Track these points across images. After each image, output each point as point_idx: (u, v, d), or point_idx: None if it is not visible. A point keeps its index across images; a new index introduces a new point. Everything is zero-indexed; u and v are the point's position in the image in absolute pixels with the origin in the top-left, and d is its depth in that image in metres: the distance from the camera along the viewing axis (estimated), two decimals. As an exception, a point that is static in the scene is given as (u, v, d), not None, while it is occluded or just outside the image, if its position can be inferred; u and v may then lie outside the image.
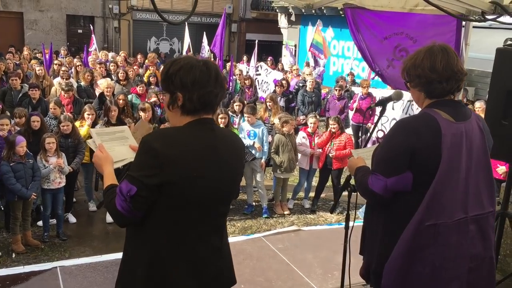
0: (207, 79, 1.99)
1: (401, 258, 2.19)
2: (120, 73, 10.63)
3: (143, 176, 1.89)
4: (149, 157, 1.90)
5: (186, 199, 1.95)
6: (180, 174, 1.90)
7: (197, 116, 2.02)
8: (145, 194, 1.90)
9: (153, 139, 1.94)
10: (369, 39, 3.98)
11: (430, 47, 2.26)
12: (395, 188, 2.19)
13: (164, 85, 2.05)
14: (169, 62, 2.06)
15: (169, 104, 2.03)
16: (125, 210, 1.92)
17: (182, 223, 1.98)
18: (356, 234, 4.83)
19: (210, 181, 1.99)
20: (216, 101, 2.05)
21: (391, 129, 2.29)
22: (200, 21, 23.56)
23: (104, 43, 21.94)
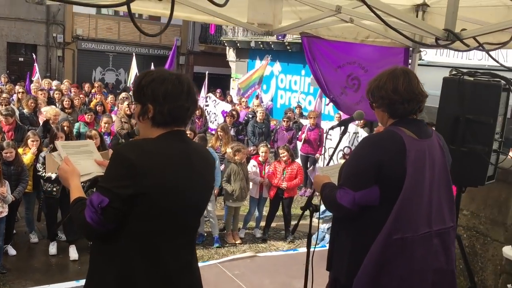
0: (179, 93, 1.97)
1: (370, 271, 2.23)
2: (65, 101, 10.37)
3: (116, 187, 1.84)
4: (123, 168, 1.85)
5: (159, 210, 1.90)
6: (154, 184, 1.86)
7: (168, 128, 2.00)
8: (118, 206, 1.84)
9: (126, 150, 1.90)
10: (324, 67, 4.13)
11: (393, 70, 2.38)
12: (362, 202, 2.24)
13: (135, 96, 2.03)
14: (142, 73, 2.05)
15: (140, 115, 2.00)
16: (95, 222, 1.86)
17: (154, 235, 1.92)
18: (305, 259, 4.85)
19: (183, 192, 1.96)
20: (187, 115, 2.04)
21: (358, 145, 2.36)
22: (148, 53, 23.48)
23: (47, 72, 21.31)
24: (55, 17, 21.71)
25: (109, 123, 8.51)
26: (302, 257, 5.03)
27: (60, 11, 21.64)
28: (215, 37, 24.17)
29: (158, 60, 19.49)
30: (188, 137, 2.12)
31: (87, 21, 22.52)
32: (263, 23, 3.64)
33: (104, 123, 8.40)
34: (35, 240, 6.90)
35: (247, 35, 19.53)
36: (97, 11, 22.97)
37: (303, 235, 8.36)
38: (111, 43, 23.27)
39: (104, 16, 23.27)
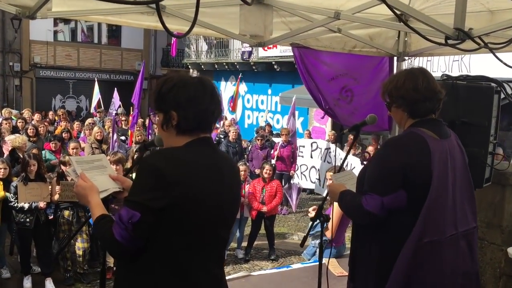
0: (202, 96, 1.88)
1: (401, 279, 2.15)
2: (30, 129, 9.97)
3: (147, 200, 1.70)
4: (153, 179, 1.73)
5: (191, 223, 1.78)
6: (186, 196, 1.74)
7: (195, 136, 1.88)
8: (150, 220, 1.71)
9: (154, 159, 1.78)
10: (317, 78, 4.11)
11: (410, 70, 2.37)
12: (391, 206, 2.17)
13: (156, 105, 1.91)
14: (161, 80, 1.93)
15: (163, 124, 1.88)
16: (126, 239, 1.71)
17: (184, 250, 1.80)
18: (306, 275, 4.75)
19: (214, 203, 1.85)
20: (212, 119, 1.93)
21: (381, 148, 2.31)
22: (110, 78, 23.07)
23: (4, 101, 20.56)
24: (11, 46, 21.07)
25: (77, 148, 8.21)
26: (297, 273, 4.95)
27: (16, 39, 21.04)
28: (177, 60, 24.05)
29: (121, 85, 19.16)
30: (216, 145, 2.01)
31: (45, 49, 21.98)
32: (255, 34, 3.59)
33: (72, 148, 8.09)
34: (7, 275, 6.51)
35: (210, 56, 19.54)
36: (54, 38, 22.49)
37: (285, 253, 8.28)
38: (70, 70, 22.78)
39: (62, 43, 22.82)
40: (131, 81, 24.26)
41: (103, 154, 2.33)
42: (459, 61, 10.36)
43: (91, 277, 6.60)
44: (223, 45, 18.69)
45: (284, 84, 16.34)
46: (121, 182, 2.13)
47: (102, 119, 13.97)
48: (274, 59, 16.34)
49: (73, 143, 8.24)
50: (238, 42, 17.80)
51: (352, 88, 4.28)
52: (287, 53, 15.50)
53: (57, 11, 2.85)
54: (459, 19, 2.35)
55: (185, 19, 3.20)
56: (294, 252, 8.32)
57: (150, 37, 24.43)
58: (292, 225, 10.02)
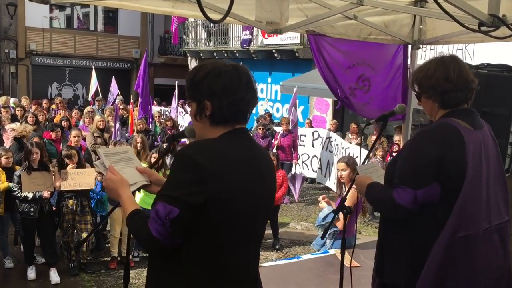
0: (237, 85, 1.78)
1: (434, 273, 2.09)
2: (30, 117, 9.84)
3: (186, 195, 1.63)
4: (192, 173, 1.65)
5: (230, 218, 1.71)
6: (225, 189, 1.67)
7: (230, 127, 1.80)
8: (188, 216, 1.63)
9: (192, 152, 1.69)
10: (334, 67, 4.01)
11: (440, 58, 2.28)
12: (425, 199, 2.11)
13: (190, 94, 1.82)
14: (194, 68, 1.84)
15: (197, 114, 1.80)
16: (163, 235, 1.63)
17: (222, 247, 1.72)
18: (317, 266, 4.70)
19: (253, 198, 1.77)
20: (248, 109, 1.85)
21: (413, 139, 2.23)
22: (106, 66, 22.83)
23: (0, 89, 20.34)
24: (7, 32, 20.76)
25: (79, 136, 8.11)
26: (308, 264, 4.91)
27: (11, 26, 20.74)
28: (174, 48, 23.82)
29: (118, 73, 18.96)
30: (251, 136, 1.93)
31: (41, 36, 21.68)
32: (271, 21, 3.50)
33: (73, 136, 7.97)
34: (10, 265, 6.46)
35: (209, 44, 19.35)
36: (50, 25, 22.20)
37: (289, 242, 8.25)
38: (67, 57, 22.50)
39: (58, 30, 22.51)
40: (128, 69, 24.08)
41: (129, 146, 2.23)
42: (463, 49, 10.25)
43: (95, 267, 6.56)
44: (222, 33, 18.51)
45: (284, 73, 16.22)
46: (148, 175, 2.05)
47: (101, 107, 13.83)
48: (275, 47, 16.19)
49: (74, 131, 8.12)
50: (237, 30, 17.63)
51: (369, 77, 4.20)
52: (287, 41, 15.37)
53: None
54: (494, 5, 2.27)
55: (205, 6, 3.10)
56: (298, 241, 8.30)
57: (147, 24, 24.16)
58: (294, 214, 9.99)
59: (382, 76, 4.24)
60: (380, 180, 2.45)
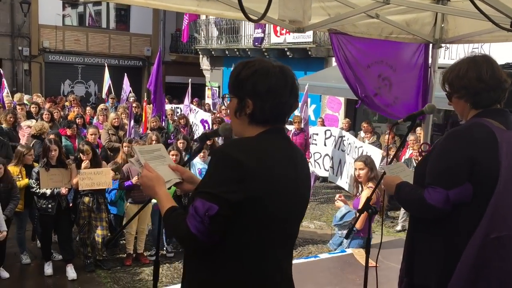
0: (283, 88, 1.77)
1: (467, 275, 2.07)
2: (45, 114, 9.93)
3: (225, 192, 1.63)
4: (231, 170, 1.65)
5: (268, 217, 1.71)
6: (264, 188, 1.67)
7: (268, 126, 1.80)
8: (227, 213, 1.63)
9: (232, 150, 1.69)
10: (355, 65, 4.00)
11: (472, 58, 2.26)
12: (457, 200, 2.09)
13: (233, 89, 1.82)
14: (241, 64, 1.83)
15: (236, 110, 1.79)
16: (202, 232, 1.64)
17: (260, 245, 1.72)
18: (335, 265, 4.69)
19: (291, 197, 1.77)
20: (289, 112, 1.85)
21: (445, 139, 2.22)
22: (119, 64, 22.95)
23: (13, 86, 20.45)
24: (20, 30, 20.94)
25: (96, 134, 8.17)
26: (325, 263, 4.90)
27: (25, 24, 20.91)
28: (186, 46, 23.87)
29: (130, 71, 19.05)
30: (288, 136, 1.93)
31: (54, 33, 21.83)
32: (293, 19, 3.50)
33: (91, 134, 8.05)
34: (27, 261, 6.52)
35: (221, 42, 19.36)
36: (63, 22, 22.35)
37: (303, 241, 8.24)
38: (79, 55, 22.64)
39: (71, 28, 22.65)
40: (139, 67, 24.19)
41: (161, 144, 2.23)
42: (478, 48, 10.20)
43: (111, 264, 6.60)
44: (234, 31, 18.51)
45: (297, 71, 16.12)
46: (181, 172, 2.06)
47: (114, 105, 13.90)
48: (287, 46, 16.16)
49: (91, 129, 8.19)
50: (249, 28, 17.62)
51: (389, 76, 4.18)
52: (300, 39, 15.33)
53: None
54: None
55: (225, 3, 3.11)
56: (311, 240, 8.29)
57: (159, 22, 24.24)
58: (307, 213, 9.91)
59: (401, 75, 4.23)
60: (408, 180, 2.44)
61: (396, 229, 8.85)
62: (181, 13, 17.25)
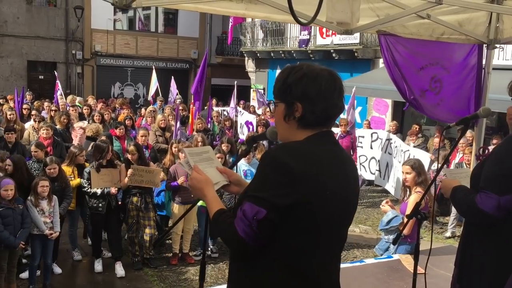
0: (332, 91, 1.78)
1: None
2: (96, 116, 10.26)
3: (273, 196, 1.63)
4: (280, 174, 1.65)
5: (317, 221, 1.70)
6: (314, 193, 1.66)
7: (317, 130, 1.79)
8: (275, 217, 1.64)
9: (281, 154, 1.69)
10: (405, 68, 3.92)
11: None
12: (509, 207, 2.01)
13: (280, 94, 1.82)
14: (288, 69, 1.84)
15: (286, 115, 1.79)
16: (249, 236, 1.65)
17: (308, 250, 1.72)
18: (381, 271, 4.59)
19: (340, 200, 1.76)
20: (338, 115, 1.85)
21: (503, 145, 2.14)
22: (166, 66, 23.45)
23: (67, 88, 21.29)
24: (74, 34, 21.78)
25: (146, 136, 8.38)
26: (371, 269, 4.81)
27: (78, 28, 21.73)
28: (232, 49, 24.09)
29: (177, 73, 19.43)
30: (337, 140, 1.92)
31: (105, 37, 22.58)
32: (342, 21, 3.46)
33: (141, 136, 8.26)
34: (79, 258, 6.76)
35: (266, 45, 19.41)
36: (114, 27, 23.06)
37: (347, 245, 8.08)
38: (129, 58, 23.30)
39: (121, 32, 23.35)
40: (186, 69, 24.62)
41: (209, 146, 2.26)
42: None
43: (158, 263, 6.74)
44: (280, 33, 18.52)
45: (343, 73, 15.98)
46: (228, 175, 2.08)
47: (162, 107, 14.20)
48: (333, 47, 16.02)
49: (142, 130, 8.41)
50: (295, 30, 17.59)
51: (441, 78, 4.07)
52: (345, 41, 15.15)
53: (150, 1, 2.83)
54: None
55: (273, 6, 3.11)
56: (356, 244, 8.17)
57: (205, 25, 24.58)
58: (353, 217, 9.84)
59: (454, 77, 4.10)
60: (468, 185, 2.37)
61: (446, 236, 8.58)
62: (227, 15, 17.45)
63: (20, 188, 5.54)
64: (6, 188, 5.21)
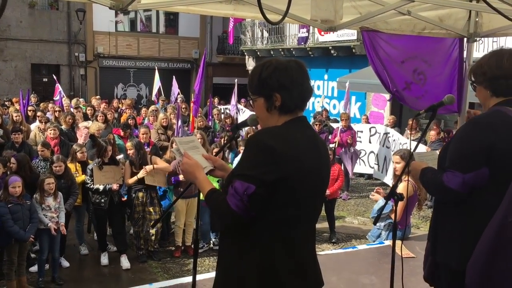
0: (302, 77, 2.03)
1: (485, 256, 2.19)
2: (99, 116, 10.51)
3: (260, 173, 1.88)
4: (265, 155, 1.89)
5: (298, 195, 1.95)
6: (294, 170, 1.91)
7: (294, 115, 2.04)
8: (263, 192, 1.88)
9: (265, 137, 1.94)
10: (386, 61, 4.14)
11: (499, 49, 2.39)
12: (472, 183, 2.23)
13: (257, 90, 2.06)
14: (258, 66, 2.07)
15: (268, 107, 2.03)
16: (241, 209, 1.89)
17: (291, 221, 1.97)
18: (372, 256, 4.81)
19: (316, 177, 2.02)
20: (310, 97, 2.10)
21: (465, 126, 2.36)
22: (168, 67, 23.67)
23: (71, 90, 21.63)
24: (77, 37, 22.07)
25: (147, 134, 8.63)
26: (363, 254, 5.05)
27: (81, 31, 22.01)
28: (232, 48, 24.32)
29: (178, 73, 19.67)
30: (310, 124, 2.18)
31: (107, 39, 22.85)
32: (325, 19, 3.68)
33: (142, 133, 8.53)
34: (85, 252, 7.01)
35: (266, 43, 19.63)
36: (116, 29, 23.32)
37: (346, 236, 8.35)
38: (131, 59, 23.56)
39: (123, 33, 23.61)
40: (188, 69, 24.86)
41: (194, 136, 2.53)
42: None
43: (161, 255, 6.98)
44: (279, 31, 18.74)
45: (341, 69, 16.21)
46: (213, 161, 2.33)
47: (164, 106, 14.45)
48: (331, 44, 16.22)
49: (143, 129, 8.66)
50: (294, 28, 17.79)
51: (424, 71, 4.28)
52: (344, 37, 15.36)
53: (145, 3, 3.07)
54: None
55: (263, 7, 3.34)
56: (354, 235, 8.38)
57: (206, 25, 24.81)
58: (351, 209, 10.06)
59: (437, 70, 4.32)
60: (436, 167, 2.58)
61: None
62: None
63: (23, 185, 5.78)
64: (14, 185, 5.47)
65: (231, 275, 2.01)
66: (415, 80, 4.25)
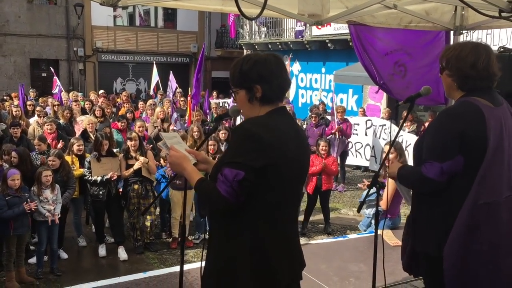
0: (280, 69, 2.15)
1: (460, 238, 2.31)
2: (97, 110, 10.59)
3: (248, 160, 1.99)
4: (252, 142, 2.01)
5: (283, 180, 2.07)
6: (280, 156, 2.03)
7: (275, 105, 2.16)
8: (252, 178, 1.99)
9: (251, 126, 2.06)
10: (372, 54, 4.24)
11: (476, 45, 2.45)
12: (450, 171, 2.33)
13: (239, 83, 2.17)
14: (239, 60, 2.19)
15: (249, 98, 2.14)
16: (231, 195, 1.99)
17: (277, 205, 2.09)
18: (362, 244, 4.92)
19: (299, 163, 2.16)
20: (288, 88, 2.21)
21: (437, 118, 2.46)
22: (166, 61, 23.72)
23: (70, 85, 21.68)
24: (75, 31, 22.10)
25: (143, 127, 8.72)
26: (353, 243, 5.16)
27: (79, 25, 22.04)
28: (231, 42, 24.35)
29: (177, 68, 19.72)
30: (290, 113, 2.29)
31: (106, 33, 22.88)
32: (313, 13, 3.76)
33: (138, 127, 8.60)
34: (83, 244, 7.13)
35: (264, 36, 19.67)
36: (114, 23, 23.34)
37: (341, 227, 8.46)
38: (130, 53, 23.59)
39: (122, 28, 23.64)
40: (186, 63, 24.90)
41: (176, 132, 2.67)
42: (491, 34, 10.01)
43: (158, 247, 7.10)
44: (277, 25, 18.78)
45: (338, 62, 16.27)
46: (195, 155, 2.46)
47: (162, 100, 14.53)
48: (328, 37, 16.28)
49: (139, 122, 8.74)
50: (291, 22, 17.83)
51: (405, 63, 4.38)
52: (341, 31, 15.41)
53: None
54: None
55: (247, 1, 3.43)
56: (349, 227, 8.49)
57: (204, 19, 24.81)
58: (347, 201, 10.18)
59: (418, 62, 4.40)
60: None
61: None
62: (224, 9, 17.66)
63: (24, 178, 5.89)
64: (13, 178, 5.58)
65: (221, 256, 2.12)
66: (395, 72, 4.35)
